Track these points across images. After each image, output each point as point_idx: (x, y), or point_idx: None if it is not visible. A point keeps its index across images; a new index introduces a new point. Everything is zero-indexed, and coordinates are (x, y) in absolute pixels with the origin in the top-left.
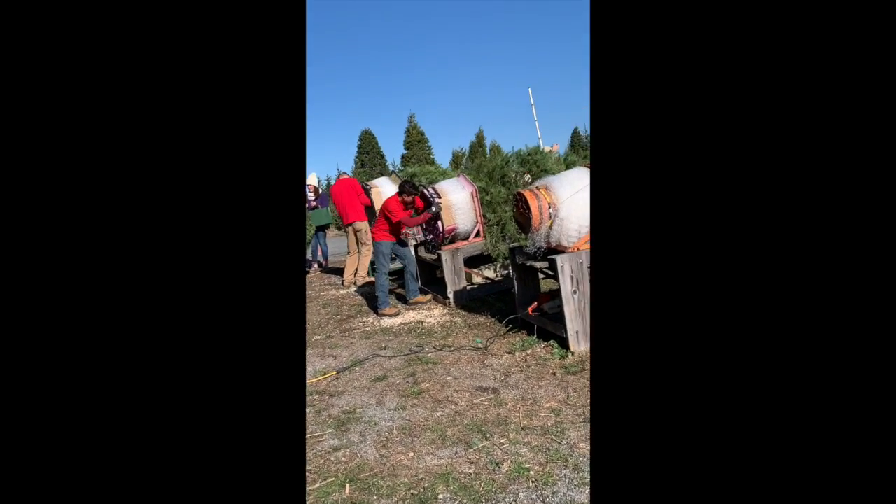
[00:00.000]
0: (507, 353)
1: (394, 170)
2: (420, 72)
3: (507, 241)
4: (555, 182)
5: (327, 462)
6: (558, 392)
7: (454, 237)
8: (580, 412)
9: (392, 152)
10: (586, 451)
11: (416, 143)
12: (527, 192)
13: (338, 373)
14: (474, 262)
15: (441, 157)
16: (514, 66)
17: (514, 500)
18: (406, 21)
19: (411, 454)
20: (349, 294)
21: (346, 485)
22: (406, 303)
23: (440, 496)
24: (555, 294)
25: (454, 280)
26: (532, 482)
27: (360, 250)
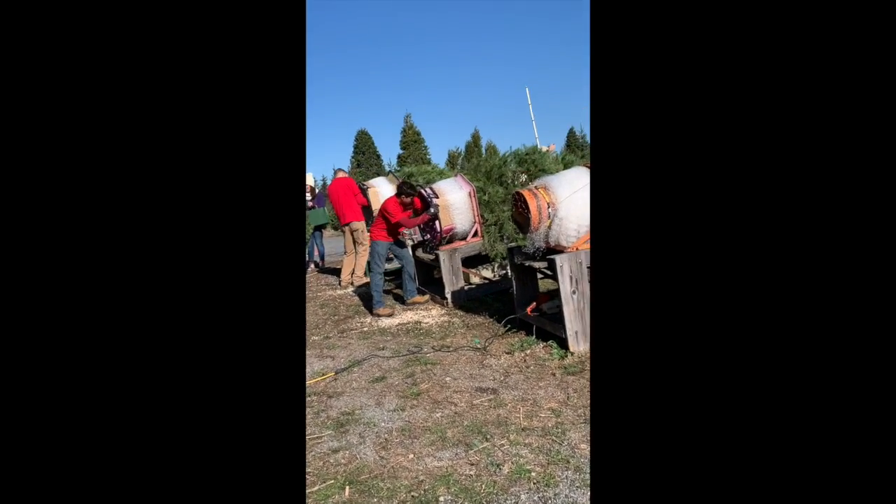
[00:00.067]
0: (506, 353)
1: (390, 170)
2: (415, 72)
3: (505, 241)
4: (553, 181)
5: (326, 464)
6: (558, 393)
7: (452, 237)
8: (581, 413)
9: (388, 152)
10: (588, 453)
11: (412, 143)
12: (526, 192)
13: (336, 374)
14: (472, 262)
15: (437, 157)
16: (509, 67)
17: (516, 502)
18: (403, 21)
19: (411, 456)
20: (346, 294)
21: (346, 487)
22: (404, 303)
23: (441, 498)
24: (554, 294)
25: (452, 280)
26: (534, 484)
27: (356, 250)
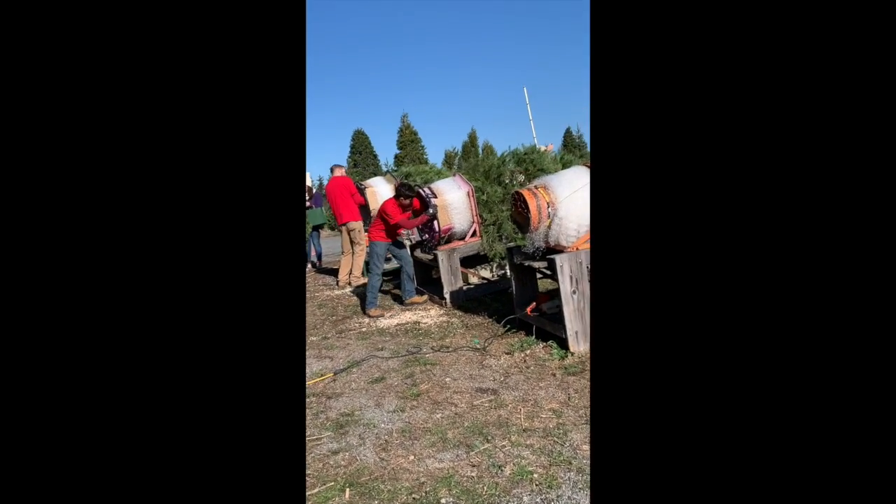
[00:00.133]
0: (506, 353)
1: (387, 169)
2: (412, 71)
3: (504, 241)
4: (553, 181)
5: (326, 466)
6: (559, 393)
7: (450, 237)
8: (582, 414)
9: (385, 152)
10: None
11: (409, 142)
12: (525, 192)
13: (335, 374)
14: (470, 262)
15: (434, 157)
16: (506, 68)
17: None
18: (402, 20)
19: (412, 457)
20: (344, 294)
21: (346, 489)
22: (402, 303)
23: (443, 500)
24: (553, 294)
25: (450, 280)
26: (536, 485)
27: (353, 250)
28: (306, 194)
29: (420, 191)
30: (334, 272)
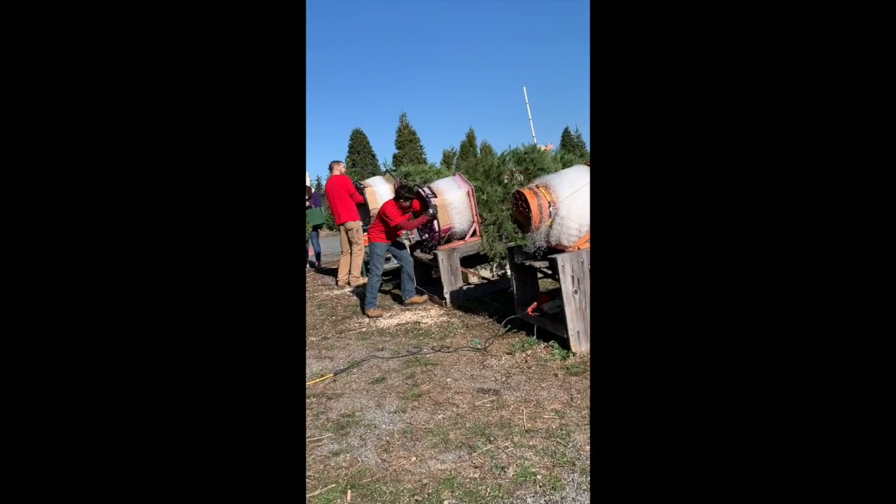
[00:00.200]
0: (507, 353)
1: (386, 169)
2: (410, 71)
3: (504, 240)
4: (554, 180)
5: (327, 467)
6: (561, 394)
7: (450, 237)
8: (585, 414)
9: (384, 152)
10: None
11: (407, 142)
12: (526, 191)
13: (335, 375)
14: (470, 261)
15: (432, 157)
16: (504, 68)
17: None
18: (398, 19)
19: (414, 458)
20: (344, 294)
21: (348, 491)
22: (402, 303)
23: (445, 502)
24: (555, 294)
25: (450, 280)
26: (539, 487)
27: (351, 250)
28: (306, 194)
29: (420, 191)
30: (333, 272)
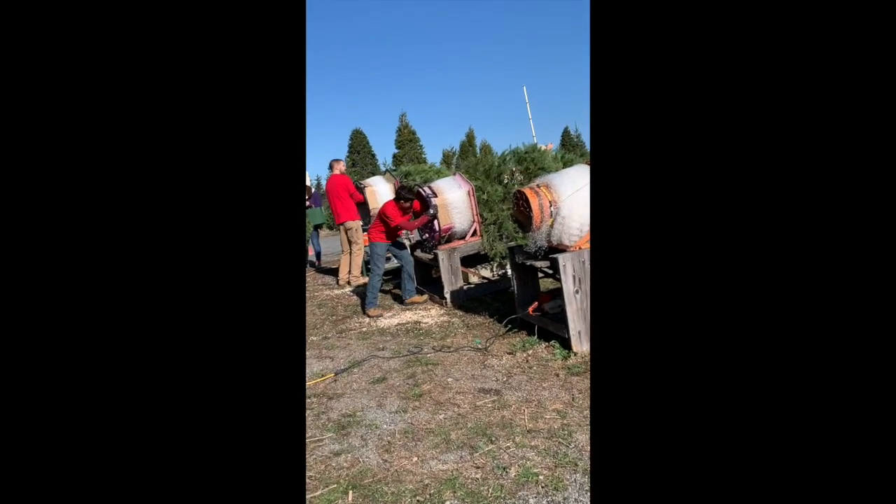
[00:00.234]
0: (508, 353)
1: (386, 169)
2: (410, 71)
3: (505, 240)
4: (556, 180)
5: (328, 468)
6: (563, 394)
7: (451, 237)
8: (587, 414)
9: (383, 152)
10: None
11: (407, 142)
12: (527, 190)
13: (336, 375)
14: (471, 261)
15: (431, 157)
16: (503, 68)
17: None
18: (398, 19)
19: (415, 459)
20: (344, 294)
21: (350, 491)
22: (402, 303)
23: (447, 503)
24: (555, 293)
25: (451, 280)
26: (542, 487)
27: (350, 250)
28: (306, 194)
29: (420, 190)
30: (334, 272)
